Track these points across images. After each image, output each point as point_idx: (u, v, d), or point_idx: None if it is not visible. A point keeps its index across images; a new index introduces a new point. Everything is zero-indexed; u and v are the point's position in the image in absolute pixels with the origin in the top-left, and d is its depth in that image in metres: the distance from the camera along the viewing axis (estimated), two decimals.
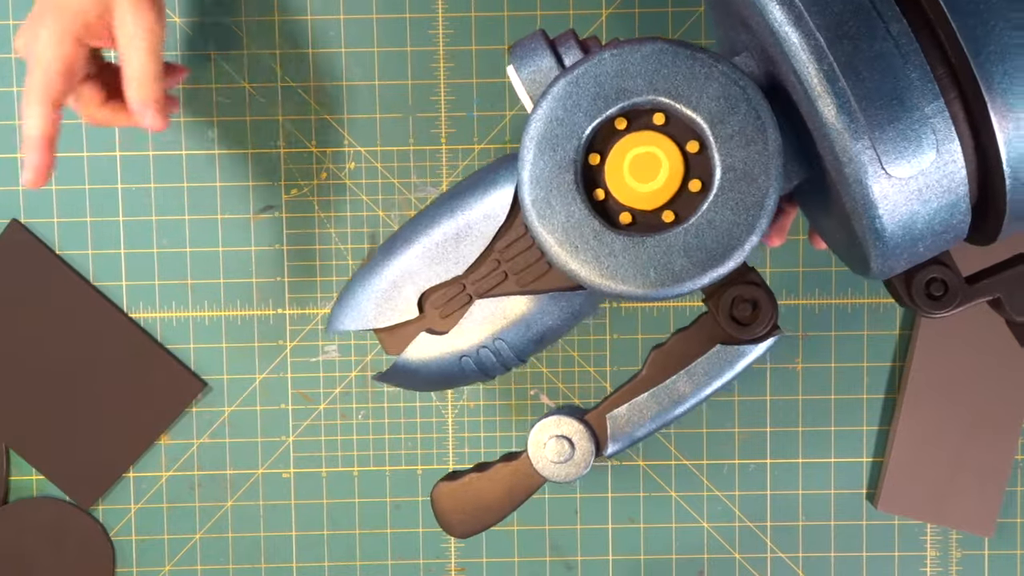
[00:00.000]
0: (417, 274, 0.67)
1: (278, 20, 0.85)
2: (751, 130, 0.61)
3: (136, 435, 0.86)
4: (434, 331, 0.67)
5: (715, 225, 0.61)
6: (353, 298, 0.68)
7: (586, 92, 0.61)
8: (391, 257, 0.68)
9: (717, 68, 0.61)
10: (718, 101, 0.61)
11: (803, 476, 0.87)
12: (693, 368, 0.67)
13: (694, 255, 0.61)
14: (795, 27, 0.57)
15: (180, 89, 0.85)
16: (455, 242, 0.67)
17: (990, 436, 0.85)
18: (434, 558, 0.87)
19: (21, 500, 0.86)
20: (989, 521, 0.85)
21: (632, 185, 0.62)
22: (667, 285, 0.61)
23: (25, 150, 0.71)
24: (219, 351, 0.86)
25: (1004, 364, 0.85)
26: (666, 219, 0.62)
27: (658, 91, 0.61)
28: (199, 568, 0.87)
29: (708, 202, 0.61)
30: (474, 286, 0.67)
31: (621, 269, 0.61)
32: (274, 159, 0.85)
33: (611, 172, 0.62)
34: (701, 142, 0.61)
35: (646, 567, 0.87)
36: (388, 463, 0.87)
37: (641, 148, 0.62)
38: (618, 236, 0.61)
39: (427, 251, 0.67)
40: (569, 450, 0.67)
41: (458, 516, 0.68)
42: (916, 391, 0.85)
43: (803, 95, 0.58)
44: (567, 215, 0.61)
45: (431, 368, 0.68)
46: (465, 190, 0.67)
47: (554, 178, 0.61)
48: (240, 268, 0.86)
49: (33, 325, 0.85)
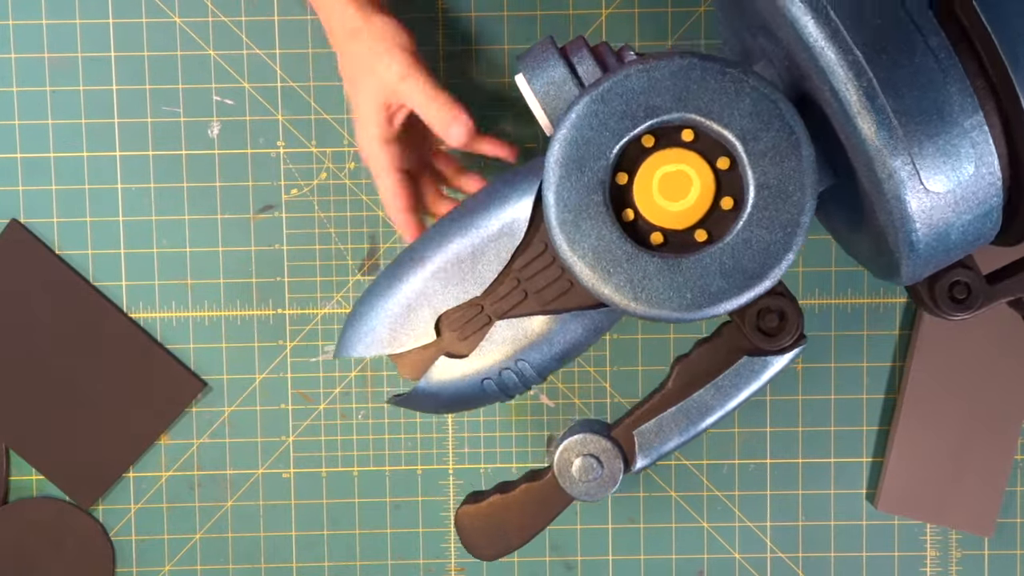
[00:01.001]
0: (433, 296, 0.65)
1: (278, 20, 0.85)
2: (785, 146, 0.59)
3: (136, 435, 0.86)
4: (453, 354, 0.66)
5: (751, 244, 0.59)
6: (364, 322, 0.66)
7: (613, 110, 0.59)
8: (403, 279, 0.66)
9: (748, 83, 0.59)
10: (750, 117, 0.59)
11: (803, 476, 0.87)
12: (720, 381, 0.65)
13: (731, 276, 0.59)
14: (832, 43, 0.56)
15: (180, 89, 0.85)
16: (471, 262, 0.65)
17: (990, 436, 0.85)
18: (434, 558, 0.87)
19: (21, 500, 0.86)
20: (989, 521, 0.85)
21: (662, 204, 0.60)
22: (704, 307, 0.60)
23: (390, 214, 0.76)
24: (219, 351, 0.86)
25: (1004, 364, 0.85)
26: (699, 238, 0.60)
27: (687, 108, 0.59)
28: (199, 568, 0.87)
29: (743, 221, 0.59)
30: (493, 307, 0.65)
31: (656, 292, 0.60)
32: (274, 159, 0.85)
33: (640, 191, 0.60)
34: (732, 159, 0.60)
35: (646, 567, 0.87)
36: (388, 463, 0.87)
37: (670, 166, 0.60)
38: (652, 258, 0.60)
39: (442, 272, 0.65)
40: (598, 469, 0.65)
41: (485, 540, 0.67)
42: (916, 391, 0.85)
43: (838, 110, 0.57)
44: (598, 238, 0.60)
45: (451, 392, 0.66)
46: (479, 206, 0.66)
47: (583, 200, 0.60)
48: (240, 268, 0.86)
49: (33, 325, 0.85)
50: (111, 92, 0.85)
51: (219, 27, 0.85)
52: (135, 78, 0.85)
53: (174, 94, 0.85)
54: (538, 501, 0.66)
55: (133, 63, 0.85)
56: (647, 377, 0.86)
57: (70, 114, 0.85)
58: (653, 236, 0.60)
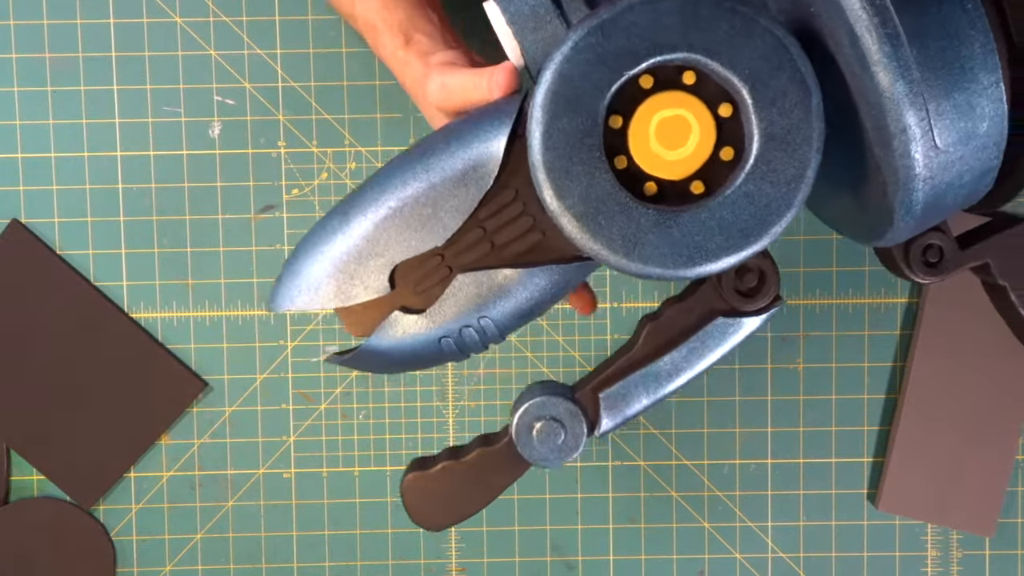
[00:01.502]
0: (388, 244, 0.59)
1: (278, 20, 0.85)
2: (794, 94, 0.54)
3: (137, 435, 0.86)
4: (408, 309, 0.60)
5: (752, 199, 0.55)
6: (306, 271, 0.60)
7: (612, 45, 0.54)
8: (352, 222, 0.60)
9: (760, 23, 0.54)
10: (759, 61, 0.54)
11: (804, 476, 0.87)
12: (692, 343, 0.61)
13: (729, 232, 0.55)
14: None
15: (181, 89, 0.85)
16: (432, 208, 0.59)
17: (990, 436, 0.85)
18: (434, 558, 0.87)
19: (21, 500, 0.86)
20: (990, 521, 0.85)
21: (658, 152, 0.55)
22: (699, 264, 0.55)
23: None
24: (219, 351, 0.86)
25: (1004, 364, 0.85)
26: (695, 190, 0.56)
27: (693, 47, 0.54)
28: (200, 568, 0.87)
29: (744, 173, 0.55)
30: (455, 258, 0.59)
31: (651, 248, 0.55)
32: (274, 159, 0.85)
33: (635, 137, 0.55)
34: (735, 106, 0.55)
35: (647, 567, 0.87)
36: (388, 463, 0.87)
37: (669, 111, 0.55)
38: (647, 211, 0.55)
39: (398, 217, 0.59)
40: (560, 433, 0.61)
41: (435, 508, 0.62)
42: (917, 391, 0.85)
43: (852, 56, 0.53)
44: (589, 186, 0.55)
45: (404, 350, 0.60)
46: (441, 146, 0.60)
47: (574, 143, 0.54)
48: (240, 268, 0.86)
49: (33, 325, 0.85)
50: (112, 92, 0.85)
51: (220, 27, 0.85)
52: (136, 78, 0.85)
53: (175, 94, 0.85)
54: (493, 466, 0.61)
55: (134, 63, 0.85)
56: None
57: (71, 114, 0.85)
58: (647, 186, 0.56)
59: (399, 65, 0.70)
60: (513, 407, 0.63)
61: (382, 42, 0.70)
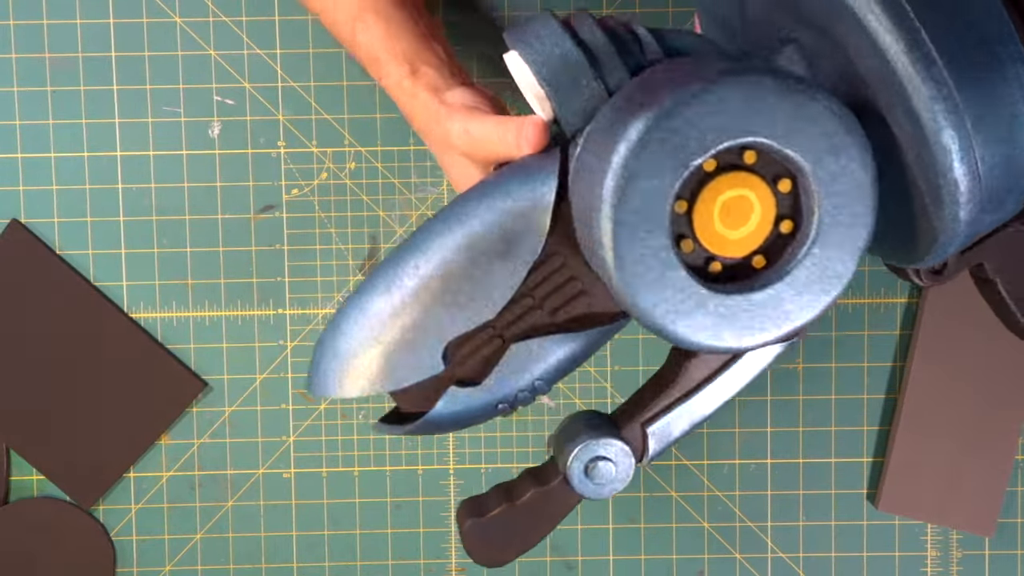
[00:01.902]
0: (439, 324, 0.59)
1: (278, 20, 0.85)
2: (854, 168, 0.55)
3: (136, 435, 0.86)
4: (463, 382, 0.60)
5: (815, 269, 0.55)
6: (351, 355, 0.59)
7: (678, 135, 0.53)
8: (397, 303, 0.59)
9: (821, 103, 0.54)
10: (821, 140, 0.54)
11: (803, 476, 0.87)
12: (730, 374, 0.61)
13: (796, 302, 0.56)
14: (910, 51, 0.53)
15: (181, 89, 0.85)
16: (481, 283, 0.59)
17: (990, 437, 0.85)
18: (434, 558, 0.87)
19: (21, 500, 0.86)
20: (990, 521, 0.85)
21: (723, 233, 0.55)
22: (765, 338, 0.56)
23: None
24: (219, 351, 0.86)
25: (1004, 365, 0.85)
26: (757, 264, 0.56)
27: (757, 132, 0.54)
28: (199, 568, 0.87)
29: (807, 247, 0.55)
30: (507, 328, 0.60)
31: (718, 326, 0.56)
32: (274, 159, 0.85)
33: (700, 220, 0.55)
34: (794, 180, 0.56)
35: (646, 567, 0.87)
36: (388, 463, 0.87)
37: (732, 191, 0.55)
38: (725, 297, 0.55)
39: (448, 295, 0.59)
40: (612, 470, 0.61)
41: (494, 550, 0.63)
42: (917, 391, 0.85)
43: (905, 119, 0.55)
44: (663, 284, 0.55)
45: (461, 419, 0.61)
46: (481, 214, 0.59)
47: (646, 245, 0.54)
48: (240, 268, 0.86)
49: (33, 325, 0.85)
50: (112, 92, 0.85)
51: (220, 27, 0.85)
52: (136, 78, 0.85)
53: (175, 94, 0.85)
54: (548, 503, 0.63)
55: (134, 63, 0.85)
56: (648, 377, 0.86)
57: (71, 114, 0.85)
58: (712, 266, 0.56)
59: (405, 96, 0.68)
60: (555, 442, 0.63)
61: (386, 72, 0.69)
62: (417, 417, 0.62)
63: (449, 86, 0.67)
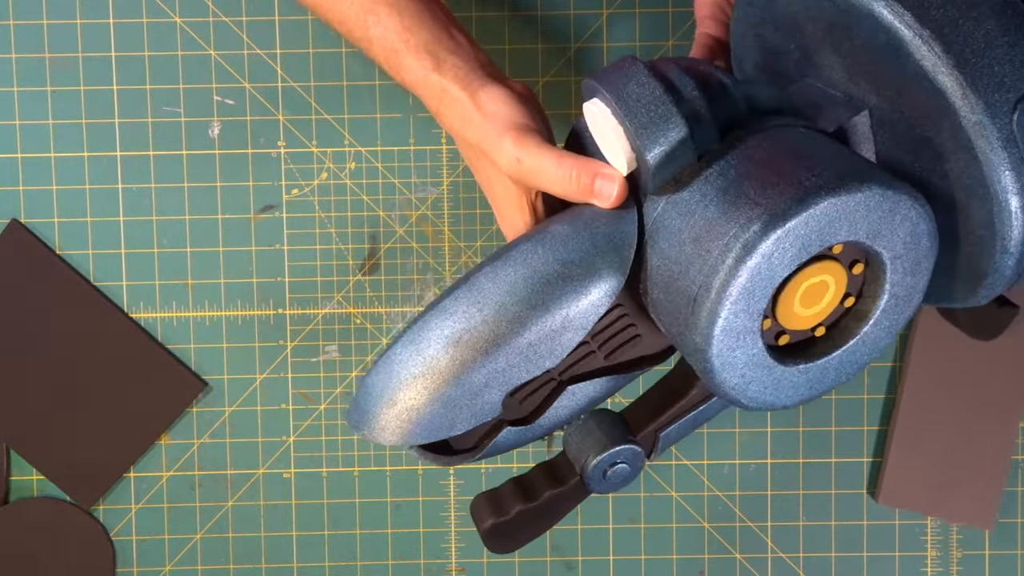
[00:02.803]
0: (504, 377, 0.58)
1: (278, 20, 0.85)
2: (923, 260, 0.57)
3: (136, 435, 0.86)
4: (517, 422, 0.61)
5: (867, 342, 0.58)
6: (408, 405, 0.58)
7: (794, 242, 0.54)
8: (459, 359, 0.58)
9: (915, 210, 0.55)
10: (906, 239, 0.56)
11: (803, 476, 0.87)
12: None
13: (844, 369, 0.58)
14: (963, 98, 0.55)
15: (181, 89, 0.85)
16: (549, 339, 0.58)
17: (989, 429, 0.85)
18: (434, 558, 0.87)
19: (21, 500, 0.86)
20: (989, 514, 0.85)
21: (799, 312, 0.57)
22: (816, 395, 0.59)
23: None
24: (219, 351, 0.86)
25: (1002, 356, 0.85)
26: (817, 334, 0.58)
27: (859, 235, 0.55)
28: (199, 568, 0.87)
29: (868, 326, 0.57)
30: (564, 372, 0.60)
31: (782, 392, 0.58)
32: (274, 159, 0.85)
33: (784, 304, 0.56)
34: (866, 264, 0.57)
35: (646, 567, 0.87)
36: (388, 463, 0.87)
37: (816, 278, 0.56)
38: (787, 368, 0.57)
39: (513, 350, 0.58)
40: (626, 471, 0.62)
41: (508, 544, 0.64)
42: (915, 385, 0.85)
43: (967, 166, 0.56)
44: (747, 358, 0.56)
45: (501, 450, 0.61)
46: (554, 282, 0.58)
47: (745, 329, 0.55)
48: (240, 268, 0.86)
49: (33, 325, 0.85)
50: (112, 92, 0.85)
51: (220, 27, 0.85)
52: (136, 78, 0.85)
53: (175, 94, 0.85)
54: (563, 501, 0.64)
55: (134, 63, 0.85)
56: (648, 379, 0.86)
57: (71, 114, 0.85)
58: (782, 339, 0.58)
59: (432, 92, 0.65)
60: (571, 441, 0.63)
61: (407, 66, 0.65)
62: (461, 451, 0.61)
63: (481, 80, 0.64)
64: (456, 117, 0.64)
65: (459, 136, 0.64)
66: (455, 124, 0.64)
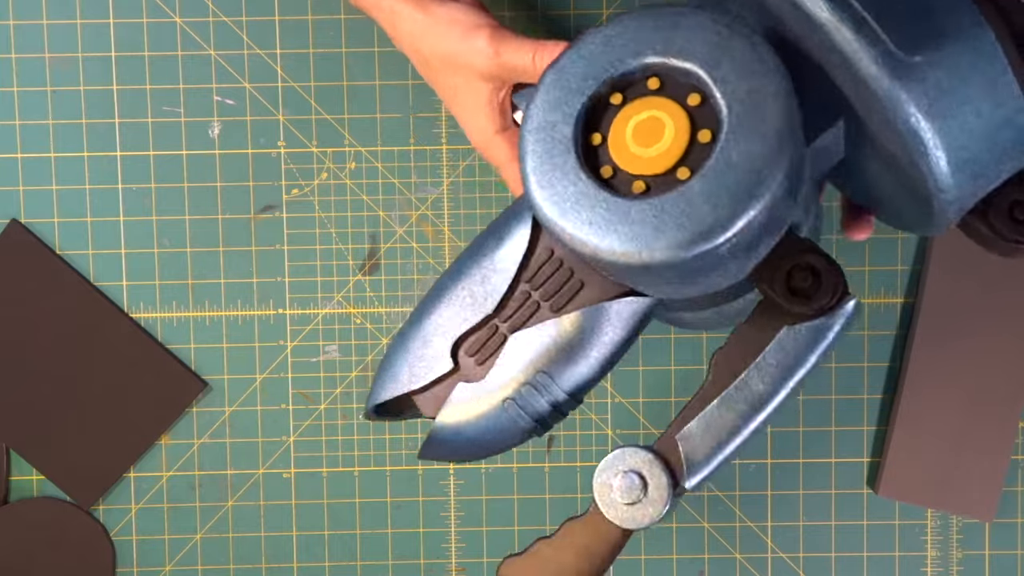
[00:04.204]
0: (447, 323, 0.62)
1: (278, 20, 0.85)
2: (750, 61, 0.56)
3: (136, 435, 0.86)
4: (470, 380, 0.62)
5: (733, 164, 0.55)
6: (386, 366, 0.64)
7: (575, 74, 0.58)
8: (420, 316, 0.64)
9: (698, 17, 0.57)
10: (708, 46, 0.57)
11: (803, 476, 0.87)
12: (763, 361, 0.58)
13: (718, 200, 0.55)
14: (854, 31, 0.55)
15: (181, 89, 0.85)
16: (481, 284, 0.62)
17: (990, 421, 0.85)
18: (434, 558, 0.87)
19: (21, 500, 0.86)
20: (990, 505, 0.85)
21: (638, 152, 0.57)
22: (696, 241, 0.55)
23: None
24: (219, 351, 0.86)
25: (1004, 346, 0.85)
26: (682, 176, 0.57)
27: (644, 53, 0.57)
28: (199, 568, 0.87)
29: (720, 144, 0.56)
30: (507, 324, 0.62)
31: (644, 234, 0.56)
32: (274, 159, 0.85)
33: (615, 146, 0.57)
34: (702, 92, 0.57)
35: (646, 567, 0.87)
36: (388, 463, 0.87)
37: (641, 115, 0.57)
38: (633, 202, 0.56)
39: (454, 300, 0.63)
40: (640, 486, 0.57)
41: None
42: (915, 377, 0.85)
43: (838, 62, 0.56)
44: (576, 196, 0.57)
45: (474, 426, 0.62)
46: (485, 236, 0.64)
47: (557, 164, 0.57)
48: (240, 268, 0.86)
49: (33, 325, 0.85)
50: (112, 92, 0.85)
51: (220, 27, 0.85)
52: (136, 78, 0.85)
53: (175, 94, 0.85)
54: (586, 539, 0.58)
55: (134, 63, 0.85)
56: (648, 377, 0.86)
57: (71, 114, 0.85)
58: (635, 185, 0.57)
59: (384, 14, 0.67)
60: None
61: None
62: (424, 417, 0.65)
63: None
64: (410, 34, 0.66)
65: (417, 54, 0.67)
66: (412, 42, 0.66)
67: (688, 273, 0.57)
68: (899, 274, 0.86)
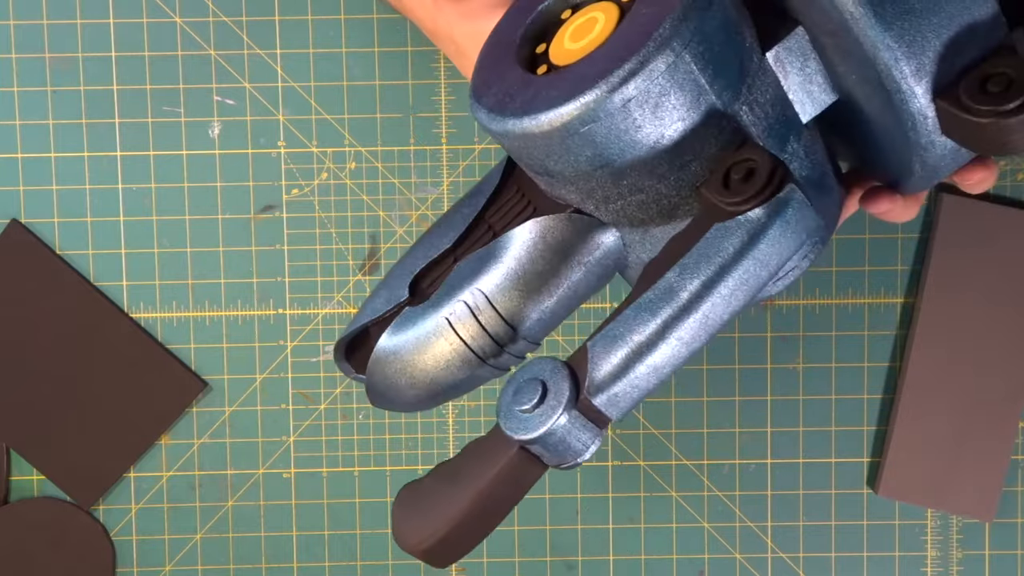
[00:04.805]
0: (412, 263, 0.63)
1: (278, 20, 0.85)
2: None
3: (136, 435, 0.86)
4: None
5: (635, 23, 0.52)
6: (359, 310, 0.65)
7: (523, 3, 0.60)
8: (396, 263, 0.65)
9: None
10: None
11: (803, 476, 0.87)
12: (687, 260, 0.49)
13: (616, 53, 0.52)
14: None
15: (181, 89, 0.85)
16: (449, 225, 0.63)
17: (990, 421, 0.85)
18: None
19: (21, 500, 0.86)
20: (990, 505, 0.85)
21: (570, 47, 0.55)
22: (584, 92, 0.51)
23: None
24: (219, 351, 0.86)
25: (1004, 347, 0.85)
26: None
27: None
28: (199, 568, 0.87)
29: (630, 13, 0.54)
30: (462, 254, 0.62)
31: (544, 99, 0.53)
32: (274, 159, 0.85)
33: (554, 49, 0.56)
34: None
35: (646, 567, 0.87)
36: (388, 463, 0.87)
37: (581, 19, 0.56)
38: (545, 76, 0.55)
39: (424, 241, 0.64)
40: (539, 394, 0.49)
41: (419, 521, 0.50)
42: (915, 376, 0.85)
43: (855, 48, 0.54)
44: (502, 83, 0.56)
45: (412, 346, 0.60)
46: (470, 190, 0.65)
47: (498, 61, 0.58)
48: (240, 268, 0.86)
49: (33, 325, 0.85)
50: (112, 92, 0.85)
51: (220, 27, 0.85)
52: (136, 78, 0.85)
53: (175, 94, 0.85)
54: (485, 455, 0.50)
55: (134, 63, 0.85)
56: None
57: (71, 114, 0.85)
58: (541, 69, 0.57)
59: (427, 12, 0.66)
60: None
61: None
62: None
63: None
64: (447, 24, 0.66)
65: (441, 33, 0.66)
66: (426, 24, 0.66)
67: (604, 158, 0.52)
68: (899, 274, 0.86)
